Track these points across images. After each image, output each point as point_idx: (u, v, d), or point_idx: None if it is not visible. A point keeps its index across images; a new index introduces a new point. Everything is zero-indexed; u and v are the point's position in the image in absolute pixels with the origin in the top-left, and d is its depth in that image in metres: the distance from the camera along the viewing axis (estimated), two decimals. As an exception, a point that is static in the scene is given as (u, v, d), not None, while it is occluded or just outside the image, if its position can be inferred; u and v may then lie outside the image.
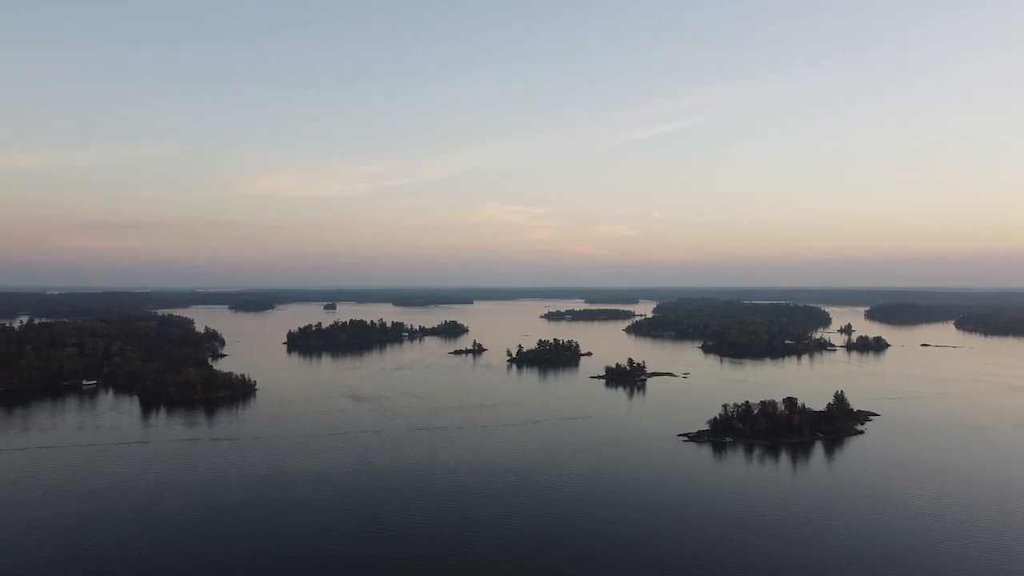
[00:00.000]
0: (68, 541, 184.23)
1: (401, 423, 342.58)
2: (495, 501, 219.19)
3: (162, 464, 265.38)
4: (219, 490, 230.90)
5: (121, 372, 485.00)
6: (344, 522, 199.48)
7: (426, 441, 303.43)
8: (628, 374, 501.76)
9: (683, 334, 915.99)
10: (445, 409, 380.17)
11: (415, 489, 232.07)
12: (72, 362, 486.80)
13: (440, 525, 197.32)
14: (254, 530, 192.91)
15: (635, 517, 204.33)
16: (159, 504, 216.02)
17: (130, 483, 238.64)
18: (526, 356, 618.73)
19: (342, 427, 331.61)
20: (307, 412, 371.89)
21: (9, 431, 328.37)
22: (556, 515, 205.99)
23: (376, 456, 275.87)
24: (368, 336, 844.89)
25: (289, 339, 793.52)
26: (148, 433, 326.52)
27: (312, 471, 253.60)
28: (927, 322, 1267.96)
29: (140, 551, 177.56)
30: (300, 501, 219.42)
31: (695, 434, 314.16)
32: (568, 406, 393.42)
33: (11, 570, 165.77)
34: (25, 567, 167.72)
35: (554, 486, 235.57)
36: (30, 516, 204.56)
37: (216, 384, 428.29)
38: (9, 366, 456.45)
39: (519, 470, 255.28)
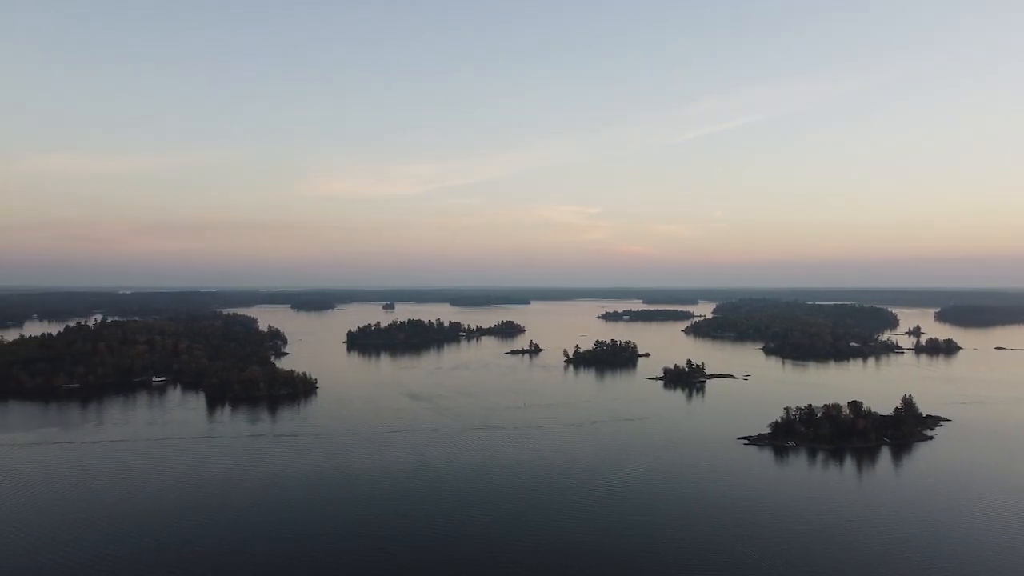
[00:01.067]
0: (140, 532, 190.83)
1: (458, 422, 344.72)
2: (551, 502, 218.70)
3: (227, 459, 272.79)
4: (282, 485, 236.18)
5: (188, 369, 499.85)
6: (402, 520, 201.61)
7: (483, 440, 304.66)
8: (687, 375, 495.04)
9: (743, 335, 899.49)
10: (501, 409, 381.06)
11: (472, 488, 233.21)
12: (143, 359, 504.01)
13: (496, 525, 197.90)
14: (315, 525, 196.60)
15: (693, 521, 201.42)
16: (225, 498, 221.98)
17: (197, 477, 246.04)
18: (583, 356, 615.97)
19: (400, 425, 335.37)
20: (366, 410, 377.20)
21: (85, 425, 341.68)
22: (612, 517, 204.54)
23: (433, 454, 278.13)
24: (426, 335, 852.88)
25: (349, 338, 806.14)
26: (214, 429, 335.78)
27: (371, 468, 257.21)
28: (1002, 324, 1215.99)
29: (208, 544, 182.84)
30: (360, 497, 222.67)
31: (756, 437, 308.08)
32: (625, 407, 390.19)
33: (89, 559, 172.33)
34: (101, 556, 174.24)
35: (610, 488, 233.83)
36: (106, 507, 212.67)
37: (279, 382, 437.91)
38: (85, 363, 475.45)
39: (575, 471, 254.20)
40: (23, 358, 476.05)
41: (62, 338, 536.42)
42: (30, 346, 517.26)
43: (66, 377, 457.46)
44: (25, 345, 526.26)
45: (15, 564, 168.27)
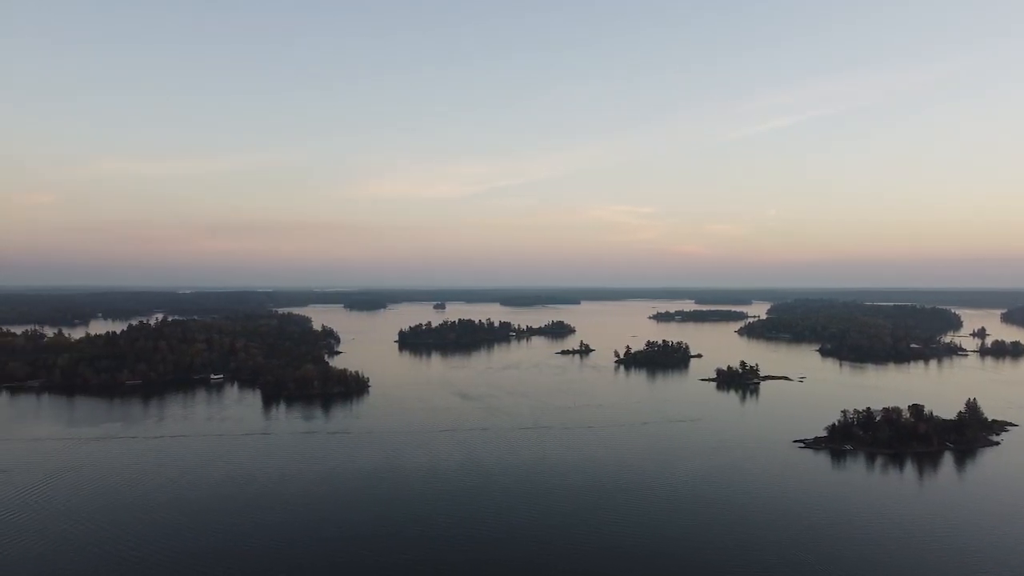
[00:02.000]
0: (198, 527, 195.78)
1: (508, 421, 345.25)
2: (602, 503, 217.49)
3: (282, 455, 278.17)
4: (335, 481, 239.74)
5: (245, 367, 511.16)
6: (452, 519, 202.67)
7: (532, 440, 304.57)
8: (740, 377, 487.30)
9: (799, 336, 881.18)
10: (551, 409, 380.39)
11: (521, 488, 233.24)
12: (201, 357, 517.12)
13: (546, 525, 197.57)
14: (368, 521, 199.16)
15: (747, 524, 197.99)
16: (280, 494, 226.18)
17: (254, 472, 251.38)
18: (634, 357, 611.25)
19: (450, 424, 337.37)
20: (417, 409, 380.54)
21: (146, 421, 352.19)
22: (663, 519, 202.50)
23: (483, 453, 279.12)
24: (476, 335, 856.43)
25: (400, 337, 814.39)
26: (269, 425, 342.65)
27: (422, 466, 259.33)
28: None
29: (262, 540, 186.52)
30: (411, 495, 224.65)
31: (812, 440, 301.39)
32: (677, 408, 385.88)
33: (148, 552, 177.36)
34: (160, 550, 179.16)
35: (662, 490, 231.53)
36: (166, 502, 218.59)
37: (332, 380, 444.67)
38: (147, 360, 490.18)
39: (626, 472, 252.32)
40: (89, 356, 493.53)
41: (125, 336, 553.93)
42: (95, 344, 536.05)
43: (129, 374, 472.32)
44: (91, 343, 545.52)
45: (78, 554, 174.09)
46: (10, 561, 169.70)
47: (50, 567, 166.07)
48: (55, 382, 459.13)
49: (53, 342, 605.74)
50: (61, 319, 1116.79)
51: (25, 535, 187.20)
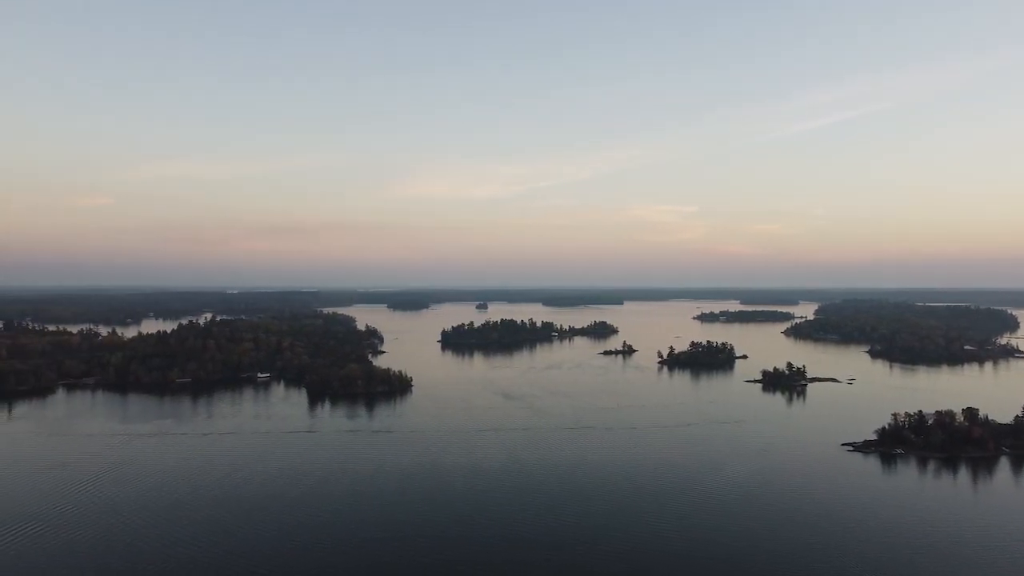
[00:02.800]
0: (245, 523, 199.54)
1: (550, 422, 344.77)
2: (644, 505, 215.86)
3: (327, 453, 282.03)
4: (379, 480, 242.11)
5: (291, 366, 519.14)
6: (493, 518, 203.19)
7: (574, 440, 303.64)
8: (787, 378, 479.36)
9: (848, 337, 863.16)
10: (594, 409, 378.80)
11: (563, 488, 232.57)
12: (249, 356, 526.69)
13: (588, 526, 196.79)
14: (410, 520, 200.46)
15: (793, 529, 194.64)
16: (325, 491, 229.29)
17: (300, 470, 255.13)
18: (677, 358, 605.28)
19: (492, 424, 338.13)
20: (460, 408, 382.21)
21: (196, 418, 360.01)
22: (707, 522, 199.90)
23: (525, 453, 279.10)
24: (518, 335, 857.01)
25: (443, 337, 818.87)
26: (315, 424, 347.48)
27: (465, 465, 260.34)
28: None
29: (309, 534, 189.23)
30: (454, 493, 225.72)
31: (861, 444, 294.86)
32: (721, 410, 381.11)
33: (196, 548, 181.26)
34: (209, 545, 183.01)
35: (706, 492, 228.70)
36: (214, 497, 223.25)
37: (376, 379, 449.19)
38: (196, 359, 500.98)
39: (669, 474, 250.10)
40: (141, 354, 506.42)
41: (175, 336, 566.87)
42: (147, 343, 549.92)
43: (179, 372, 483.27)
44: (143, 342, 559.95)
45: (128, 548, 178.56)
46: (64, 552, 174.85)
47: (101, 560, 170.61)
48: (109, 380, 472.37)
49: (107, 341, 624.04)
50: (115, 318, 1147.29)
51: (79, 528, 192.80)
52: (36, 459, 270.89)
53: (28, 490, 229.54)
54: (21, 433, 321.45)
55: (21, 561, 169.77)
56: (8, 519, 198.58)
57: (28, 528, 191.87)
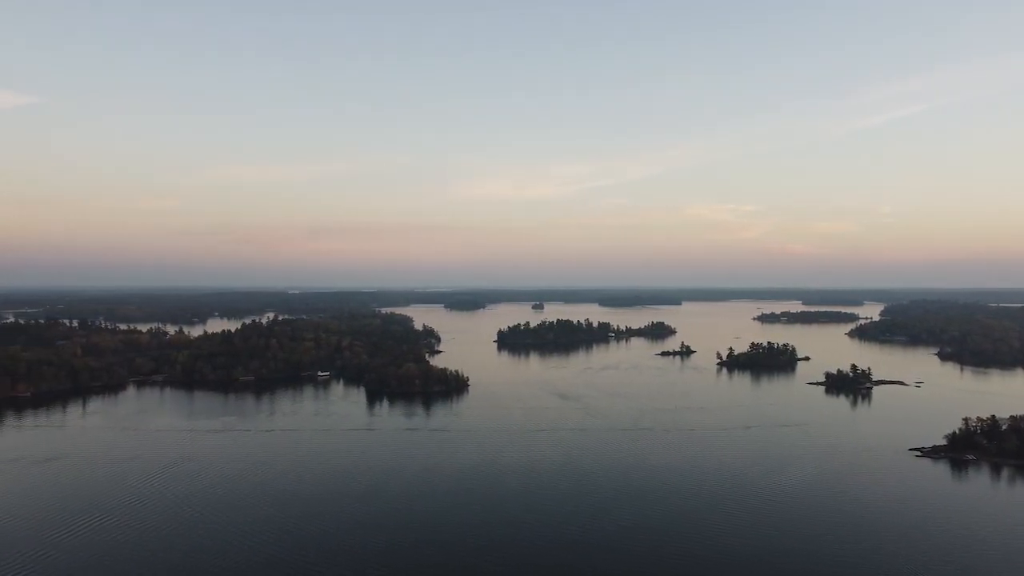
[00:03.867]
0: (306, 520, 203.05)
1: (606, 423, 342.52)
2: (702, 508, 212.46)
3: (386, 450, 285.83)
4: (435, 478, 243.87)
5: (350, 365, 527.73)
6: (548, 518, 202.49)
7: (631, 442, 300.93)
8: (851, 381, 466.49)
9: (916, 339, 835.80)
10: (651, 411, 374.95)
11: (619, 490, 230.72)
12: (309, 355, 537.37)
13: (643, 529, 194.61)
14: (465, 519, 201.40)
15: (858, 535, 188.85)
16: (383, 488, 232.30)
17: (359, 466, 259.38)
18: (737, 359, 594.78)
19: (548, 424, 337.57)
20: (515, 408, 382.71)
21: (259, 415, 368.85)
22: (768, 527, 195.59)
23: (581, 454, 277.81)
24: (574, 335, 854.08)
25: (499, 337, 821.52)
26: (373, 422, 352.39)
27: (520, 464, 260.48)
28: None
29: (367, 533, 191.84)
30: (508, 493, 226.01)
31: (929, 449, 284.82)
32: (782, 412, 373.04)
33: (259, 541, 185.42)
34: (270, 541, 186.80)
35: (766, 496, 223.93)
36: (277, 493, 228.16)
37: (433, 379, 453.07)
38: (259, 357, 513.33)
39: (728, 477, 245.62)
40: (206, 352, 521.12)
41: (239, 335, 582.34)
42: (212, 342, 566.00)
43: (242, 370, 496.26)
44: (208, 341, 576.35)
45: (193, 540, 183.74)
46: (132, 542, 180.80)
47: (166, 551, 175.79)
48: (176, 377, 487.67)
49: (175, 339, 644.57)
50: (182, 318, 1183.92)
51: (146, 519, 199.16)
52: (108, 452, 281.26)
53: (101, 482, 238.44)
54: (95, 427, 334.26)
55: (92, 550, 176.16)
56: (82, 509, 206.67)
57: (100, 518, 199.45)
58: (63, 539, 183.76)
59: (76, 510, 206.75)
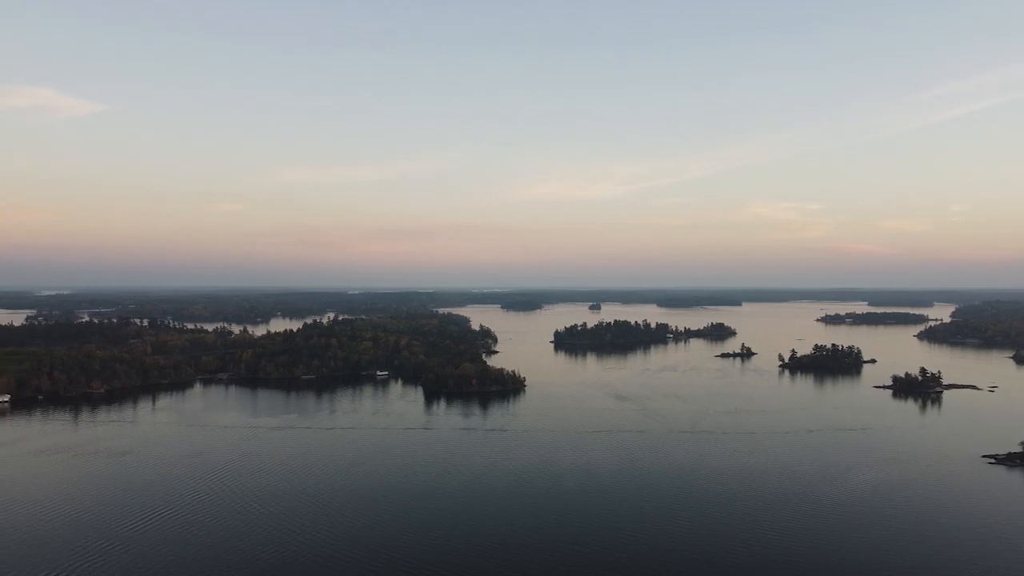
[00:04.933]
0: (365, 516, 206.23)
1: (664, 424, 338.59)
2: (763, 513, 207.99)
3: (443, 449, 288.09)
4: (491, 478, 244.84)
5: (408, 364, 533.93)
6: (605, 519, 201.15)
7: (690, 444, 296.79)
8: (920, 385, 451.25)
9: (989, 342, 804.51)
10: (710, 413, 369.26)
11: (678, 492, 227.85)
12: (368, 354, 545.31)
13: (702, 531, 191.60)
14: (521, 520, 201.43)
15: (926, 544, 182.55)
16: (441, 486, 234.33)
17: (417, 465, 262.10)
18: (799, 361, 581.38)
19: (605, 425, 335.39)
20: (572, 409, 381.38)
21: (319, 413, 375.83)
22: (831, 533, 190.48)
23: (639, 456, 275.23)
24: (632, 336, 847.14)
25: (556, 338, 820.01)
26: (431, 421, 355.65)
27: (577, 465, 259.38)
28: None
29: (426, 528, 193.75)
30: (565, 494, 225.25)
31: (1004, 456, 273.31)
32: (847, 416, 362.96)
33: (319, 536, 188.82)
34: (330, 537, 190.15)
35: (829, 502, 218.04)
36: (337, 489, 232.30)
37: (489, 379, 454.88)
38: (319, 356, 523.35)
39: (790, 482, 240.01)
40: (269, 351, 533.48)
41: (301, 334, 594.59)
42: (275, 341, 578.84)
43: (304, 369, 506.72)
44: (271, 340, 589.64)
45: (255, 532, 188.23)
46: (195, 536, 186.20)
47: (229, 545, 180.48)
48: (240, 375, 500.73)
49: (239, 339, 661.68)
50: (246, 317, 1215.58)
51: (211, 513, 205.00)
52: (177, 447, 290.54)
53: (170, 476, 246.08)
54: (164, 423, 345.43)
55: (159, 541, 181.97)
56: (151, 502, 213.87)
57: (167, 511, 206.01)
58: (132, 530, 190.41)
59: (146, 503, 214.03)
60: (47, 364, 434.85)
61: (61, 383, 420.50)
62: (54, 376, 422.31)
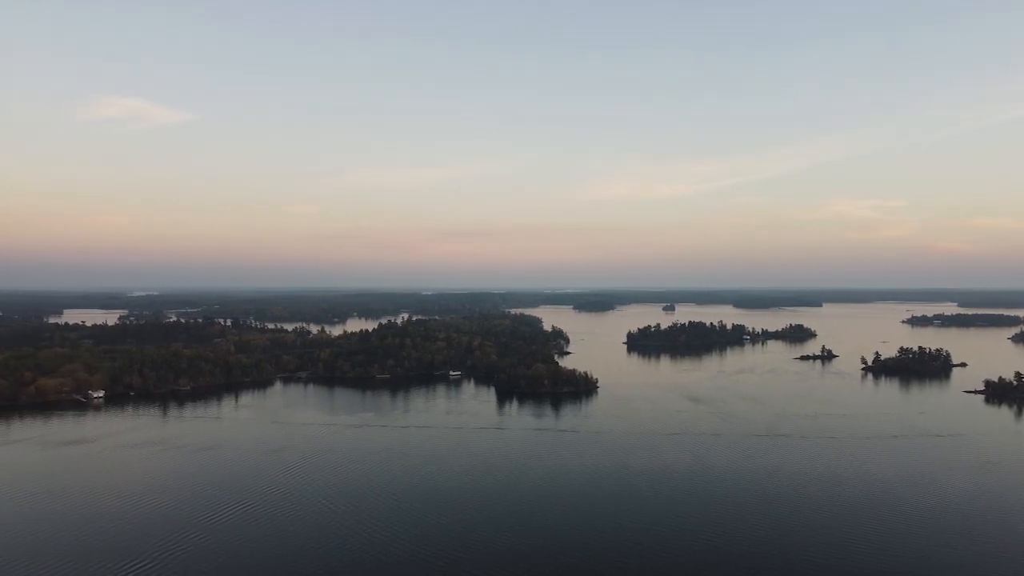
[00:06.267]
0: (439, 514, 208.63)
1: (740, 428, 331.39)
2: (843, 518, 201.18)
3: (515, 450, 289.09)
4: (564, 478, 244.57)
5: (480, 365, 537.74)
6: (681, 523, 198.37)
7: (768, 449, 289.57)
8: (1015, 390, 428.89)
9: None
10: (789, 416, 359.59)
11: (754, 496, 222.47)
12: (441, 354, 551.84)
13: (780, 537, 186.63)
14: (593, 522, 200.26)
15: (1019, 556, 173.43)
16: (512, 487, 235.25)
17: (490, 464, 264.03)
18: (884, 364, 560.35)
19: (680, 428, 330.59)
20: (645, 411, 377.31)
21: (394, 411, 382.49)
22: (919, 544, 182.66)
23: (714, 459, 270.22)
24: (707, 338, 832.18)
25: (628, 339, 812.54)
26: (503, 421, 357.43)
27: (650, 468, 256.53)
28: None
29: (498, 528, 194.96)
30: (639, 496, 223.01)
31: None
32: (935, 422, 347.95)
33: (394, 533, 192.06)
34: (405, 535, 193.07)
35: (916, 511, 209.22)
36: (412, 486, 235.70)
37: (562, 380, 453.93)
38: (394, 356, 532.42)
39: (873, 489, 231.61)
40: (346, 351, 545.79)
41: (376, 334, 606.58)
42: (351, 341, 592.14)
43: (379, 368, 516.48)
44: (348, 340, 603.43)
45: (331, 528, 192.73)
46: (272, 529, 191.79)
47: (303, 537, 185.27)
48: (319, 373, 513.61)
49: (317, 338, 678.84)
50: (323, 317, 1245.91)
51: (288, 508, 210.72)
52: (259, 443, 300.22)
53: (251, 470, 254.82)
54: (246, 420, 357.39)
55: (238, 533, 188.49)
56: (233, 495, 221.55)
57: (248, 504, 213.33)
58: (215, 521, 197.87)
59: (228, 496, 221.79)
60: (138, 362, 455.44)
61: (151, 380, 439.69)
62: (144, 374, 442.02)
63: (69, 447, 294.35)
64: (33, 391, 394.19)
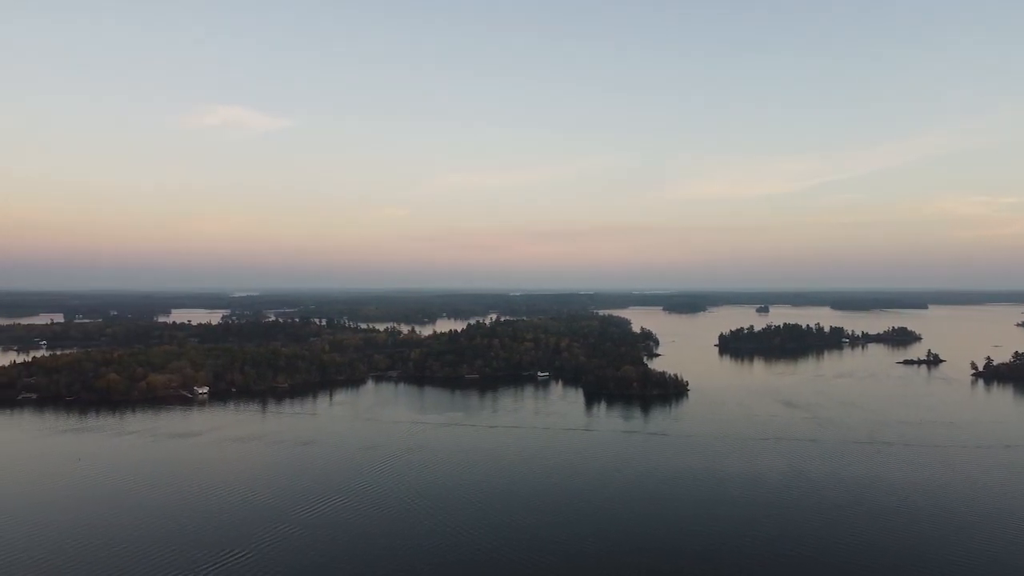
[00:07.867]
0: (527, 515, 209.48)
1: (839, 434, 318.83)
2: (949, 532, 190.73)
3: (603, 451, 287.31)
4: (652, 481, 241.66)
5: (568, 366, 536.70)
6: (774, 530, 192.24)
7: (868, 456, 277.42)
8: None
9: None
10: (890, 423, 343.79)
11: (853, 504, 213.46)
12: (529, 355, 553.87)
13: (878, 547, 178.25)
14: (681, 526, 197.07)
15: None
16: (602, 487, 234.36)
17: (577, 465, 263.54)
18: (996, 370, 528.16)
19: (774, 433, 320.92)
20: (737, 414, 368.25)
21: (483, 411, 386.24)
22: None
23: (810, 465, 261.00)
24: (803, 340, 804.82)
25: (720, 341, 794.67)
26: (591, 423, 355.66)
27: (742, 473, 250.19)
28: None
29: (586, 529, 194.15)
30: (729, 501, 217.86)
31: None
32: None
33: (482, 532, 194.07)
34: (493, 535, 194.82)
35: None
36: (499, 486, 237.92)
37: (651, 382, 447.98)
38: (482, 356, 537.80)
39: (982, 500, 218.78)
40: (436, 351, 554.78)
41: (465, 335, 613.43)
42: (440, 341, 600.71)
43: (467, 368, 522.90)
44: (437, 340, 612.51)
45: (419, 525, 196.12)
46: (363, 526, 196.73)
47: (392, 534, 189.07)
48: (409, 373, 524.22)
49: (407, 338, 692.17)
50: (414, 318, 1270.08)
51: (379, 504, 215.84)
52: (352, 440, 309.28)
53: (344, 467, 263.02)
54: (340, 417, 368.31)
55: (329, 528, 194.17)
56: (327, 490, 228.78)
57: (340, 500, 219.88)
58: (310, 514, 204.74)
59: (323, 490, 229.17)
60: (239, 360, 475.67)
61: (251, 378, 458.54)
62: (245, 371, 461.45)
63: (178, 440, 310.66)
64: (144, 387, 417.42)
